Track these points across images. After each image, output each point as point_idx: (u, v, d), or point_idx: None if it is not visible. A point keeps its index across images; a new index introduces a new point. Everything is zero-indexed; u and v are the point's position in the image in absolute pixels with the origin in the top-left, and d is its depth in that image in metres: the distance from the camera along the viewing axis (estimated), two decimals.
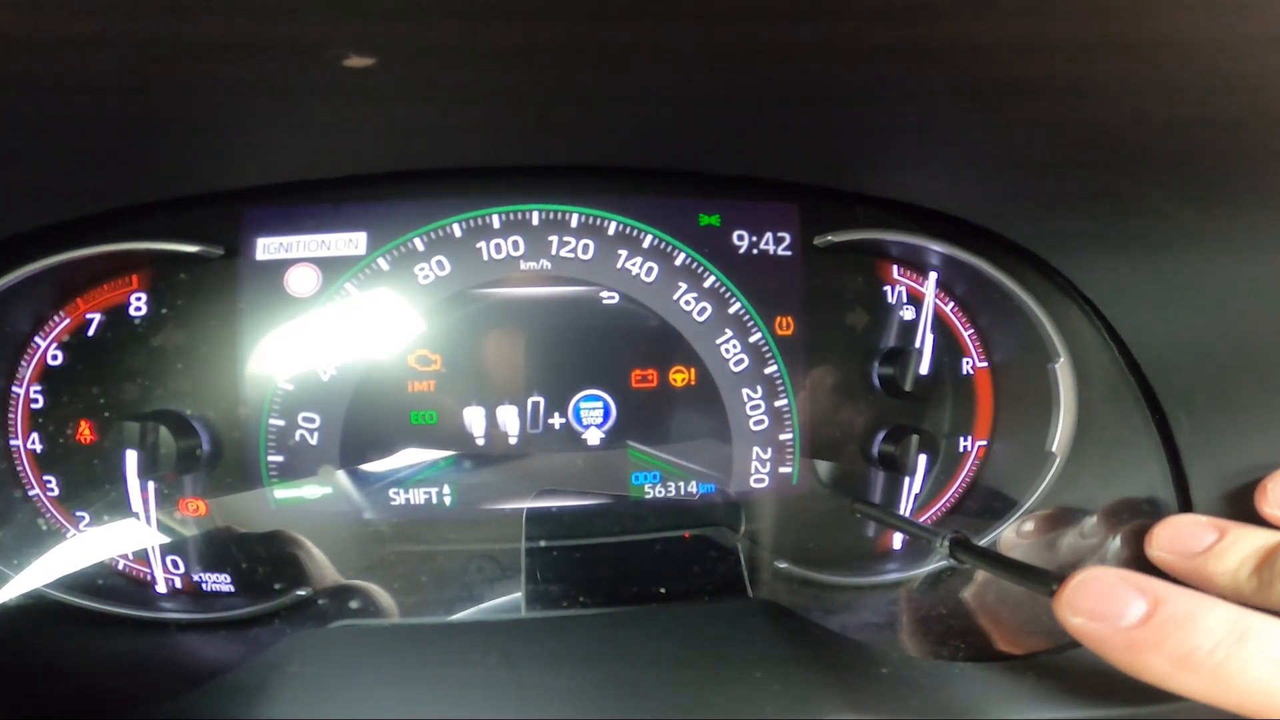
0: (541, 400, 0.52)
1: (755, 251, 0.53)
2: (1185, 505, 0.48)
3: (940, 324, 0.57)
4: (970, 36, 0.29)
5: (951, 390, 0.57)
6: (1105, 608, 0.30)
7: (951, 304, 0.57)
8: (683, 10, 0.28)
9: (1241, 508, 0.42)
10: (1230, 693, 0.27)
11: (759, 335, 0.53)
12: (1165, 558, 0.39)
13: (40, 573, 0.47)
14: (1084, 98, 0.33)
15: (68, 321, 0.50)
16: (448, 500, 0.52)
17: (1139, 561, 0.42)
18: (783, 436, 0.54)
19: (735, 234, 0.53)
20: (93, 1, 0.26)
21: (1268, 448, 0.43)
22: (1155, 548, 0.40)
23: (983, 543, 0.53)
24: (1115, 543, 0.47)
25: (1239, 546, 0.36)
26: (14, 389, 0.50)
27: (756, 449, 0.54)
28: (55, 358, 0.50)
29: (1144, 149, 0.37)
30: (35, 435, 0.50)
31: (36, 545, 0.49)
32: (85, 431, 0.50)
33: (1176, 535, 0.39)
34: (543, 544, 0.49)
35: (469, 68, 0.33)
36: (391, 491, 0.51)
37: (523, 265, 0.52)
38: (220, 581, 0.50)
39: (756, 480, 0.54)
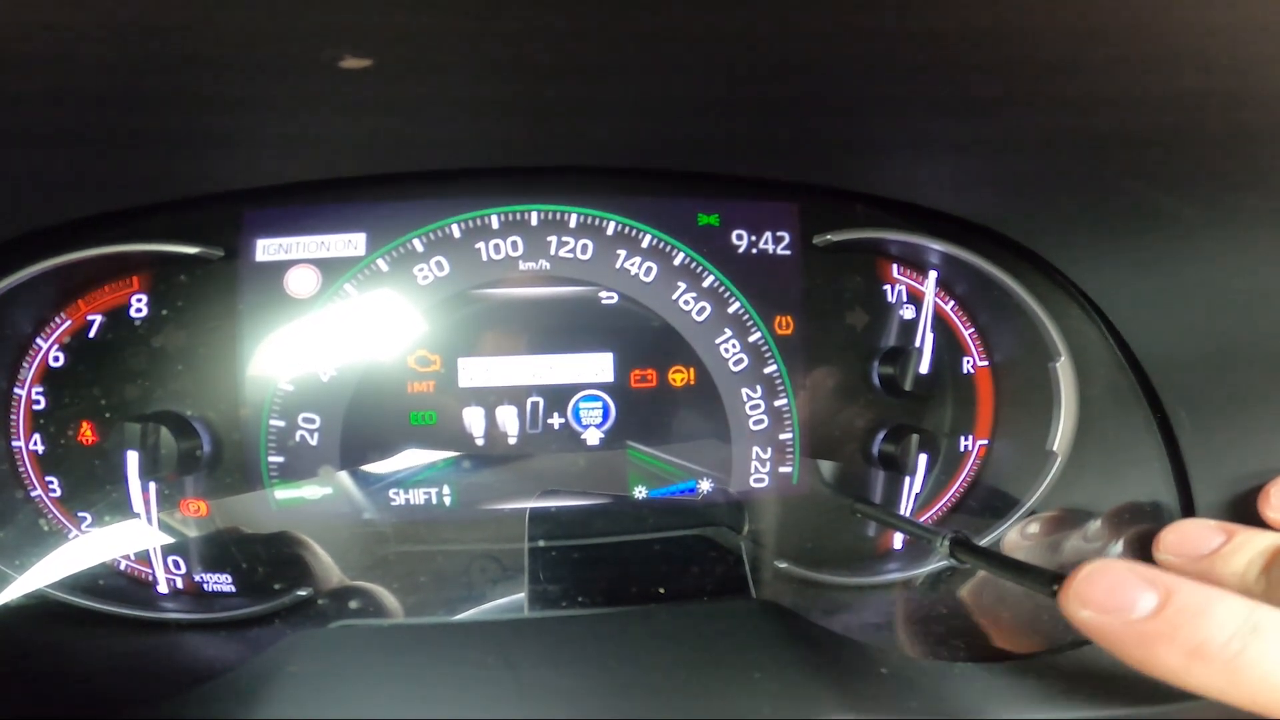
0: (541, 400, 0.52)
1: (755, 251, 0.53)
2: (1187, 504, 0.47)
3: (940, 323, 0.57)
4: (970, 37, 0.29)
5: (952, 389, 0.57)
6: (1115, 600, 0.30)
7: (952, 303, 0.57)
8: (682, 12, 0.28)
9: (1244, 505, 0.42)
10: (1244, 686, 0.27)
11: (758, 335, 0.53)
12: (1173, 561, 0.39)
13: (42, 573, 0.48)
14: (1084, 98, 0.33)
15: (69, 323, 0.50)
16: (448, 500, 0.52)
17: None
18: (782, 436, 0.54)
19: (734, 233, 0.53)
20: (93, 4, 0.26)
21: (1270, 447, 0.43)
22: (1163, 552, 0.40)
23: (984, 543, 0.53)
24: (1118, 547, 0.47)
25: (1247, 548, 0.36)
26: (16, 390, 0.50)
27: (756, 449, 0.54)
28: (57, 359, 0.50)
29: (1145, 149, 0.37)
30: (37, 436, 0.50)
31: (38, 546, 0.49)
32: (86, 432, 0.50)
33: (1184, 539, 0.39)
34: (543, 544, 0.49)
35: (467, 69, 0.33)
36: (391, 492, 0.51)
37: (522, 265, 0.52)
38: (221, 582, 0.50)
39: (756, 480, 0.54)
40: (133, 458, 0.47)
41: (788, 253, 0.54)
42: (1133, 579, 0.30)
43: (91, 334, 0.50)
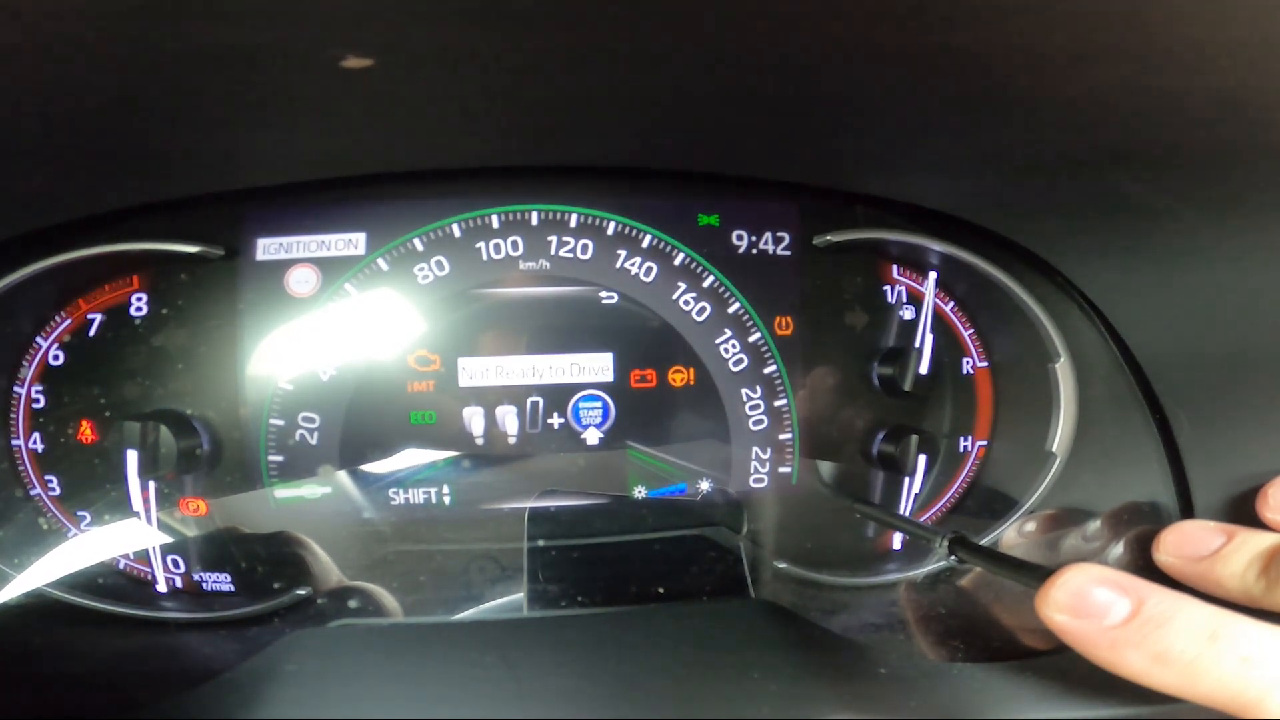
0: (540, 400, 0.52)
1: (754, 251, 0.53)
2: (1186, 505, 0.47)
3: (940, 323, 0.57)
4: (970, 40, 0.29)
5: (951, 390, 0.57)
6: (1089, 606, 0.31)
7: (951, 304, 0.57)
8: (682, 12, 0.28)
9: (1243, 506, 0.42)
10: (1199, 688, 0.28)
11: (758, 335, 0.53)
12: (1173, 563, 0.39)
13: (41, 572, 0.48)
14: (1084, 100, 0.33)
15: (69, 322, 0.50)
16: (447, 500, 0.52)
17: (1140, 565, 0.42)
18: (782, 436, 0.54)
19: (734, 234, 0.53)
20: (95, 3, 0.26)
21: (1269, 449, 0.43)
22: (1163, 553, 0.40)
23: (983, 543, 0.53)
24: (1118, 548, 0.47)
25: (1246, 549, 0.36)
26: (15, 389, 0.50)
27: (756, 449, 0.54)
28: (56, 358, 0.50)
29: (1145, 150, 0.37)
30: (36, 435, 0.50)
31: (38, 545, 0.49)
32: (86, 431, 0.50)
33: (1183, 540, 0.39)
34: (542, 544, 0.49)
35: (468, 68, 0.33)
36: (391, 491, 0.52)
37: (522, 265, 0.52)
38: (220, 581, 0.50)
39: (756, 480, 0.54)
40: (132, 456, 0.47)
41: (788, 253, 0.54)
42: (1107, 586, 0.31)
43: (91, 333, 0.50)
